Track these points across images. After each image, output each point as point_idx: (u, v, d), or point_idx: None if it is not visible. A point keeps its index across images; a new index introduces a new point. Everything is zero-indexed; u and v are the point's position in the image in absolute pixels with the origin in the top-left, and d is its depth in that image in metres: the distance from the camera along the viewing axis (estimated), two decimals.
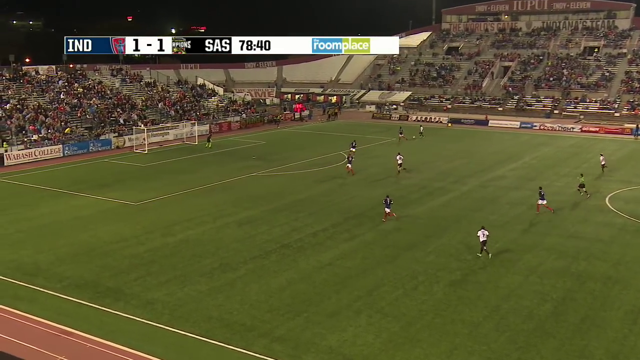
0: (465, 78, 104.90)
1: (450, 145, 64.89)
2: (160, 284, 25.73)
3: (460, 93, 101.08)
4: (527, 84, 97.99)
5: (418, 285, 25.69)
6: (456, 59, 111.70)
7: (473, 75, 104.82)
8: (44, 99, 66.58)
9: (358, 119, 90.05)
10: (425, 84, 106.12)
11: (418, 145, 64.78)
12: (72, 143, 59.73)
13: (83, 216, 36.38)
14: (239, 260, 28.69)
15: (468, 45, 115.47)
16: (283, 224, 34.69)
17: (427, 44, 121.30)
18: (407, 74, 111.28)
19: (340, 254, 29.57)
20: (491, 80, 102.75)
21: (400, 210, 37.49)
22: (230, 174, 48.46)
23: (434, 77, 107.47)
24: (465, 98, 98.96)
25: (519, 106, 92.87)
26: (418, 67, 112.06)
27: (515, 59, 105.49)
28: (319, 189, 43.67)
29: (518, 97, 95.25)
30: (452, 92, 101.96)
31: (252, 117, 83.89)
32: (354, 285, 25.63)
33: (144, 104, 74.29)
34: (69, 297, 24.28)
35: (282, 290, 25.14)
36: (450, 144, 66.31)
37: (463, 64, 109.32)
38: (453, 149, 62.48)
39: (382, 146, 64.24)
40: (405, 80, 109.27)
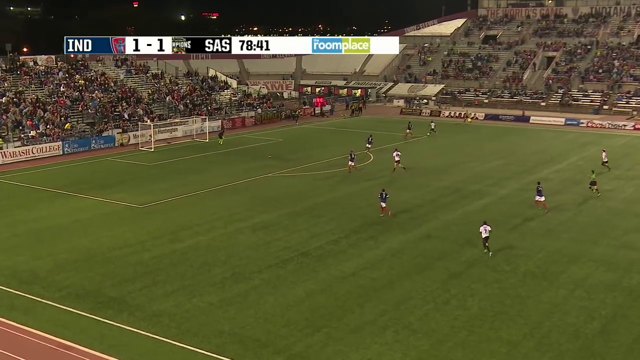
0: (503, 70, 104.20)
1: (487, 144, 64.46)
2: (167, 294, 25.88)
3: (499, 86, 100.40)
4: (573, 76, 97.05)
5: (450, 299, 25.54)
6: (494, 48, 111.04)
7: (513, 67, 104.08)
8: (43, 92, 67.39)
9: (385, 115, 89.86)
10: (460, 76, 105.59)
11: (450, 144, 64.45)
12: (72, 140, 60.38)
13: (84, 219, 36.73)
14: (253, 269, 28.76)
15: (507, 33, 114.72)
16: (301, 229, 34.72)
17: (461, 32, 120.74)
18: (439, 65, 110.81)
19: (364, 264, 29.50)
20: (533, 72, 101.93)
21: (431, 215, 37.32)
22: (243, 175, 48.63)
23: (469, 69, 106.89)
24: (504, 92, 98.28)
25: (564, 101, 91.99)
26: (452, 57, 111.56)
27: (560, 49, 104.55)
28: (341, 191, 43.62)
29: (563, 91, 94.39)
30: (489, 86, 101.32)
31: (268, 112, 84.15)
32: (380, 299, 25.55)
33: (150, 97, 74.87)
34: (68, 308, 24.50)
35: (300, 303, 25.14)
36: (486, 142, 65.88)
37: (501, 54, 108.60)
38: (490, 148, 62.07)
39: (412, 144, 63.99)
40: (437, 72, 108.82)
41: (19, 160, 55.00)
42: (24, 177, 48.65)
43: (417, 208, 39.24)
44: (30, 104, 63.34)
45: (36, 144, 57.51)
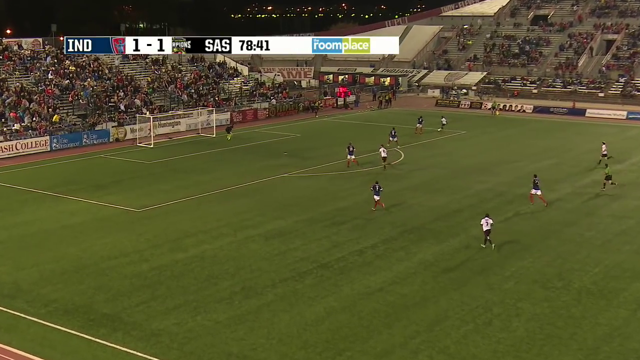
0: (555, 55, 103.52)
1: (536, 141, 64.10)
2: (168, 310, 25.99)
3: (549, 74, 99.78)
4: (636, 62, 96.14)
5: (493, 319, 25.40)
6: (544, 30, 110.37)
7: (566, 52, 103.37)
8: (28, 80, 68.06)
9: (418, 106, 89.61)
10: (505, 62, 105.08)
11: (493, 141, 64.18)
12: (61, 134, 60.90)
13: (74, 225, 37.02)
14: (266, 283, 28.80)
15: (560, 13, 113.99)
16: (321, 238, 34.73)
17: (507, 12, 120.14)
18: (481, 50, 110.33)
19: (393, 278, 29.43)
20: (589, 58, 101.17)
21: (471, 222, 37.15)
22: (255, 175, 48.76)
23: (515, 54, 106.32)
24: (556, 81, 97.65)
25: (626, 91, 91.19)
26: (495, 40, 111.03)
27: (622, 31, 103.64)
28: (367, 194, 43.54)
29: (625, 79, 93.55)
30: (538, 73, 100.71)
31: (284, 103, 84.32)
32: (411, 318, 25.47)
33: (150, 86, 75.35)
34: (56, 325, 24.64)
35: (319, 323, 25.13)
36: (535, 139, 65.51)
37: (553, 37, 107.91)
38: (539, 145, 61.73)
39: (449, 141, 63.82)
40: (478, 57, 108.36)
41: (1, 157, 55.49)
42: (6, 176, 49.15)
43: (454, 214, 39.09)
44: (14, 93, 63.97)
45: (20, 138, 58.06)
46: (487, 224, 32.86)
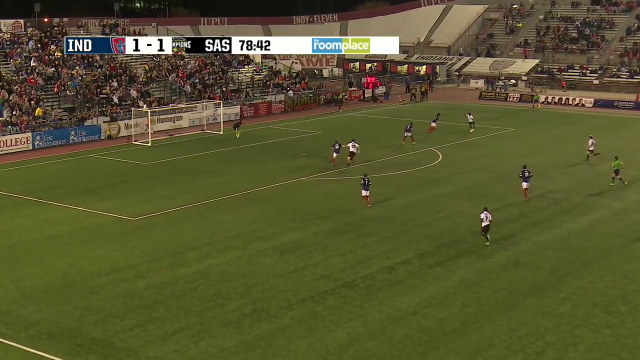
0: (621, 40, 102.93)
1: (599, 141, 63.64)
2: (167, 335, 26.08)
3: (613, 62, 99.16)
4: None
5: (545, 349, 25.28)
6: (608, 10, 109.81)
7: (634, 36, 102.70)
8: (8, 68, 68.65)
9: (458, 100, 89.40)
10: (560, 48, 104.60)
11: (545, 140, 63.87)
12: (45, 130, 61.33)
13: (59, 235, 37.26)
14: (281, 304, 28.84)
15: None
16: (345, 252, 34.72)
17: None
18: (532, 34, 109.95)
19: (429, 299, 29.37)
20: None
21: (520, 235, 37.04)
22: (269, 178, 48.86)
23: (573, 39, 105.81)
24: (621, 70, 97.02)
25: None
26: (549, 23, 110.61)
27: None
28: (398, 201, 43.51)
29: None
30: (600, 61, 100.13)
31: (303, 95, 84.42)
32: (450, 346, 25.40)
33: (147, 75, 75.77)
34: (38, 352, 24.74)
35: (342, 350, 25.11)
36: (597, 138, 65.05)
37: (618, 18, 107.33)
38: (600, 145, 61.22)
39: (495, 140, 63.58)
40: (530, 42, 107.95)
41: None
42: None
43: (501, 225, 38.87)
44: None
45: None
46: (486, 218, 35.40)
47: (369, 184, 41.57)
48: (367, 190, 41.56)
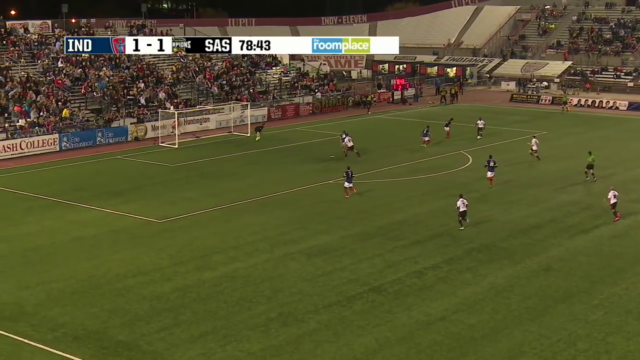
0: None
1: (630, 144, 63.25)
2: (193, 339, 26.22)
3: None
4: None
5: (577, 356, 25.13)
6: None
7: None
8: (36, 68, 69.28)
9: (489, 102, 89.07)
10: (594, 49, 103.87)
11: (579, 143, 63.43)
12: (72, 132, 61.85)
13: (86, 237, 37.57)
14: (308, 308, 28.88)
15: None
16: (373, 256, 34.72)
17: None
18: (565, 35, 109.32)
19: (458, 305, 29.29)
20: None
21: (552, 240, 36.86)
22: (296, 181, 48.95)
23: (607, 40, 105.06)
24: None
25: None
26: (583, 24, 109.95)
27: None
28: (428, 205, 43.43)
29: None
30: (635, 63, 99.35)
31: (331, 97, 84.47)
32: (479, 353, 25.32)
33: (174, 76, 76.17)
34: (64, 353, 24.96)
35: (370, 355, 25.11)
36: (630, 142, 64.65)
37: None
38: (634, 149, 60.90)
39: (525, 143, 63.20)
40: (562, 44, 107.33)
41: (2, 157, 56.58)
42: (9, 179, 50.11)
43: (532, 230, 38.76)
44: (19, 84, 65.20)
45: (26, 136, 59.09)
46: (463, 205, 38.24)
47: (352, 177, 44.45)
48: (350, 182, 44.38)
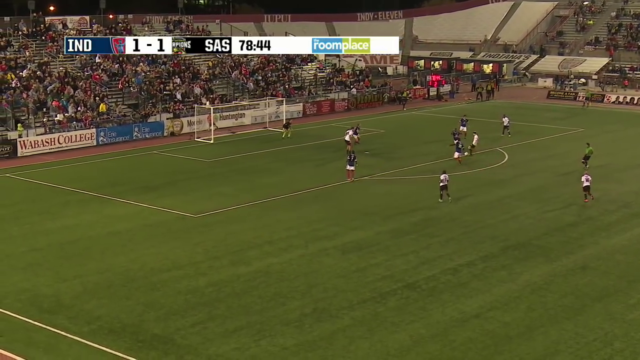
0: None
1: None
2: (228, 333, 26.34)
3: None
4: None
5: (614, 356, 24.93)
6: None
7: None
8: (74, 64, 69.93)
9: (526, 99, 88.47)
10: (633, 46, 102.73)
11: (618, 140, 62.93)
12: (109, 127, 62.38)
13: (122, 231, 37.89)
14: (342, 304, 28.89)
15: None
16: (408, 253, 34.66)
17: None
18: (604, 31, 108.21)
19: (493, 302, 29.16)
20: None
21: (589, 239, 36.57)
22: (331, 177, 48.96)
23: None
24: None
25: None
26: (622, 20, 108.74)
27: None
28: (463, 202, 43.26)
29: None
30: None
31: (366, 93, 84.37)
32: (514, 351, 25.19)
33: (210, 72, 76.51)
34: (100, 346, 25.23)
35: (404, 352, 25.09)
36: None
37: None
38: None
39: (562, 140, 62.80)
40: (600, 40, 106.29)
41: (41, 151, 57.26)
42: (47, 174, 50.65)
43: (568, 228, 38.47)
44: (58, 79, 65.87)
45: (63, 131, 59.72)
46: (445, 179, 42.39)
47: (355, 161, 46.95)
48: (352, 166, 46.82)
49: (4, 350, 24.73)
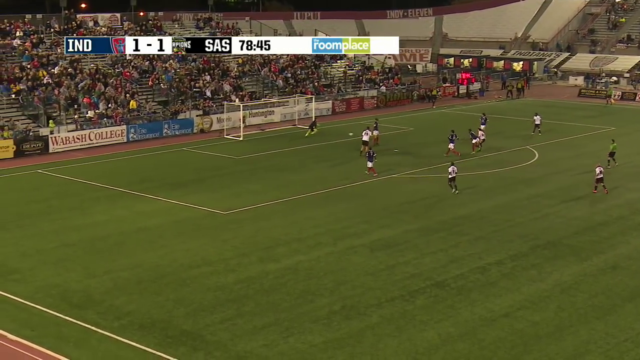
0: None
1: None
2: (256, 330, 26.43)
3: None
4: None
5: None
6: None
7: None
8: (104, 61, 70.43)
9: (556, 97, 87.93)
10: None
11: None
12: (139, 123, 62.79)
13: (151, 227, 38.14)
14: (370, 302, 28.90)
15: None
16: (437, 251, 34.59)
17: None
18: (636, 29, 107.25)
19: (522, 302, 29.05)
20: None
21: (620, 238, 36.37)
22: (359, 175, 48.92)
23: None
24: None
25: None
26: None
27: None
28: (492, 201, 43.10)
29: None
30: None
31: (395, 91, 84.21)
32: (543, 351, 25.07)
33: (240, 69, 76.71)
34: (130, 341, 25.44)
35: (432, 351, 25.06)
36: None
37: None
38: None
39: (593, 139, 62.35)
40: (633, 38, 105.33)
41: (72, 148, 57.79)
42: (79, 170, 51.09)
43: (599, 228, 38.22)
44: (89, 75, 66.40)
45: (94, 127, 60.22)
46: (453, 171, 43.79)
47: (375, 156, 48.33)
48: (371, 162, 48.08)
49: (35, 345, 25.02)
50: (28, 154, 55.02)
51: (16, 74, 63.10)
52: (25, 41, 69.19)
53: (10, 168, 51.11)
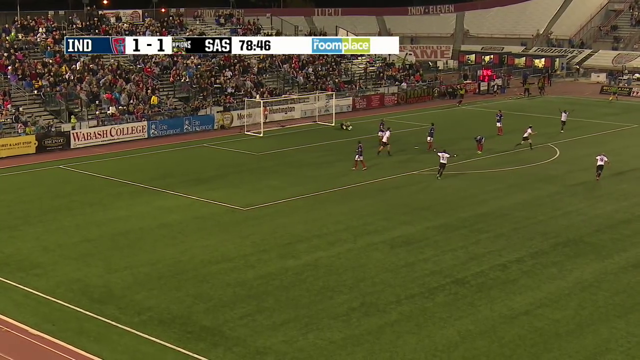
0: None
1: None
2: (275, 326, 26.49)
3: None
4: None
5: None
6: None
7: None
8: (126, 57, 70.66)
9: (578, 94, 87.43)
10: None
11: None
12: (160, 120, 63.03)
13: (172, 223, 38.29)
14: (390, 299, 28.89)
15: None
16: (457, 248, 34.53)
17: None
18: None
19: (543, 299, 28.94)
20: None
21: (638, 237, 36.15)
22: (380, 172, 48.92)
23: None
24: None
25: None
26: None
27: None
28: (513, 198, 42.94)
29: None
30: None
31: (416, 88, 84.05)
32: (564, 349, 24.98)
33: (261, 65, 76.79)
34: (150, 337, 25.58)
35: (452, 348, 25.02)
36: None
37: None
38: None
39: (616, 137, 62.01)
40: None
41: (94, 144, 58.15)
42: (100, 166, 51.38)
43: (621, 225, 38.00)
44: (110, 71, 66.71)
45: (115, 123, 60.56)
46: (442, 157, 45.42)
47: (361, 151, 48.29)
48: (361, 156, 48.44)
49: (56, 339, 25.21)
50: (50, 150, 55.41)
51: (38, 70, 63.55)
52: (48, 37, 69.61)
53: (32, 164, 51.47)
